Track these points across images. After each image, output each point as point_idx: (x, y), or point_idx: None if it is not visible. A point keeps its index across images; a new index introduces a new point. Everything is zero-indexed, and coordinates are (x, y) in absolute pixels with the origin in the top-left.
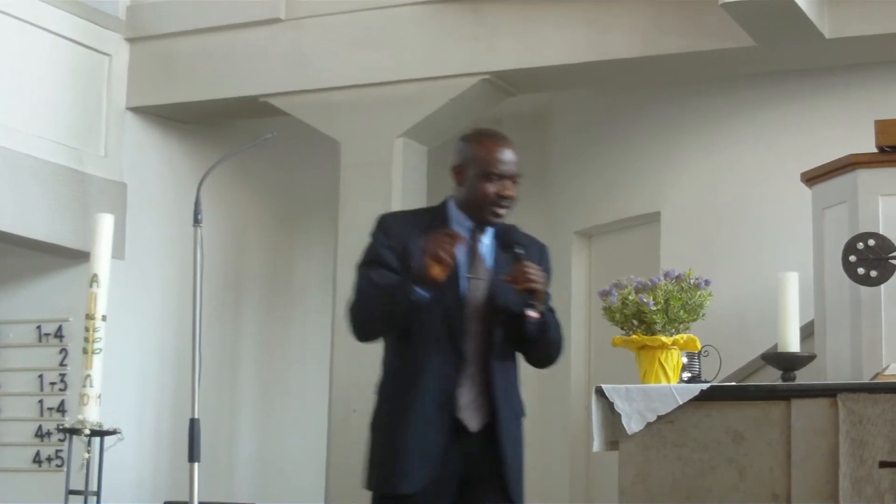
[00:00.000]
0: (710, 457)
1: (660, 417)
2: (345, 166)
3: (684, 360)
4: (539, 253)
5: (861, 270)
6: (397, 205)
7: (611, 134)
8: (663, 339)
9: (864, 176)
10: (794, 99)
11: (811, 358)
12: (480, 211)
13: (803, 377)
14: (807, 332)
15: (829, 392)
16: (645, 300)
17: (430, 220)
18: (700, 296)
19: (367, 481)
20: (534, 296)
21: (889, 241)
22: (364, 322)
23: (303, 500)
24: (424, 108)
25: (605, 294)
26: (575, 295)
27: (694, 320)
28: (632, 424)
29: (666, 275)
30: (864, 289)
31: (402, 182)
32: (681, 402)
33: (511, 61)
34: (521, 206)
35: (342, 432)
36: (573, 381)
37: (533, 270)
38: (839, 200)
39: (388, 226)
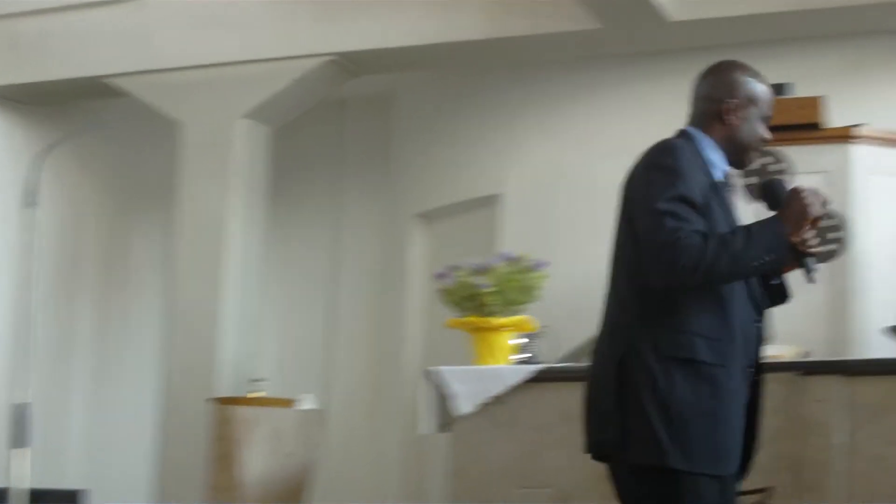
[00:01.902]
0: (542, 437)
1: (493, 399)
2: (186, 146)
3: (519, 341)
4: None
5: None
6: (238, 186)
7: (454, 116)
8: (498, 320)
9: None
10: (639, 82)
11: None
12: (746, 155)
13: None
14: None
15: None
16: (481, 282)
17: (696, 156)
18: (535, 278)
19: (676, 457)
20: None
21: None
22: (698, 269)
23: (134, 486)
24: (268, 89)
25: (441, 276)
26: (413, 277)
27: (529, 302)
28: (465, 406)
29: (502, 257)
30: None
31: (244, 163)
32: (514, 383)
33: (355, 42)
34: (361, 187)
35: (175, 418)
36: (408, 363)
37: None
38: None
39: (689, 159)
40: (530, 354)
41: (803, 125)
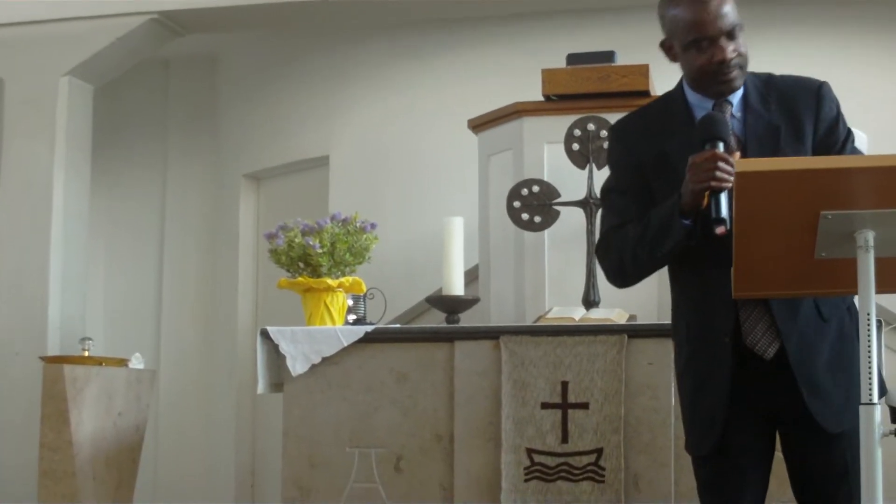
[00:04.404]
0: (374, 398)
1: (325, 359)
2: (8, 104)
3: (350, 302)
4: (807, 99)
5: (525, 216)
6: (62, 144)
7: (281, 77)
8: (329, 281)
9: (529, 123)
10: (464, 47)
11: (475, 301)
12: (705, 88)
13: (467, 320)
14: (472, 276)
15: (492, 334)
16: (311, 243)
17: (669, 112)
18: (366, 239)
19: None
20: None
21: (553, 187)
22: (622, 268)
23: None
24: (90, 47)
25: (271, 237)
26: (243, 238)
27: (360, 263)
28: (296, 366)
29: (332, 218)
30: (527, 234)
31: (67, 121)
32: (345, 344)
33: (178, 1)
34: (187, 147)
35: (4, 377)
36: (240, 324)
37: (718, 163)
38: (505, 147)
39: (625, 135)
40: (357, 316)
41: (630, 92)
